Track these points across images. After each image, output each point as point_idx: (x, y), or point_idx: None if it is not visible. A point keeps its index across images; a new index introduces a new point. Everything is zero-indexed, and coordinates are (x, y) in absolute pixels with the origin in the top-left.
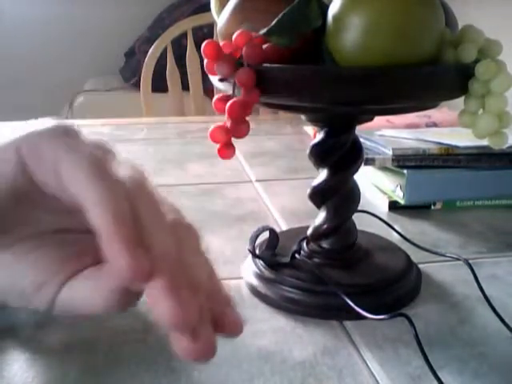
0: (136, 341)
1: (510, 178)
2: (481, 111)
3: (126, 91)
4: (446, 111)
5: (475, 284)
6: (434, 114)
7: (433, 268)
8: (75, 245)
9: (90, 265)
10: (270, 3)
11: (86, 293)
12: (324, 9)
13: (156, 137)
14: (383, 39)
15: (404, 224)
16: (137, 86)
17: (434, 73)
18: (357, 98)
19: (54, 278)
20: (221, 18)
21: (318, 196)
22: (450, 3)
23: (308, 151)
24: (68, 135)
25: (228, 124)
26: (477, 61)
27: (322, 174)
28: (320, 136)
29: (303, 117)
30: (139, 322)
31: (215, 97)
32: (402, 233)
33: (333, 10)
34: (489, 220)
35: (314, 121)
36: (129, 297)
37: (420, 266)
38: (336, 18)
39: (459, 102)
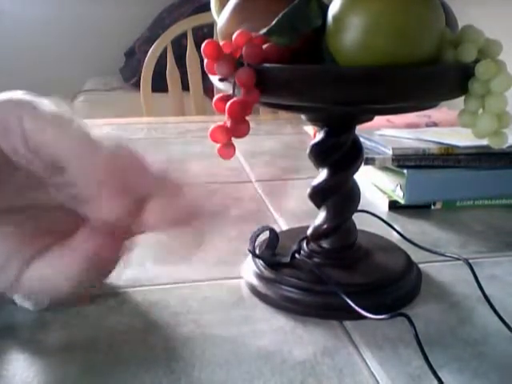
0: (136, 341)
1: (509, 177)
2: (481, 111)
3: (126, 91)
4: (445, 111)
5: (475, 284)
6: (434, 113)
7: (433, 268)
8: (41, 222)
9: (55, 242)
10: (270, 3)
11: (50, 271)
12: (324, 8)
13: (156, 136)
14: (383, 39)
15: (404, 224)
16: (137, 85)
17: (433, 73)
18: (357, 97)
19: (17, 257)
20: (221, 18)
21: (318, 196)
22: (450, 3)
23: (308, 151)
24: (28, 103)
25: (228, 124)
26: (477, 61)
27: (322, 174)
28: (320, 136)
29: (303, 116)
30: (139, 322)
31: (215, 97)
32: (402, 232)
33: (333, 9)
34: (489, 220)
35: (313, 120)
36: (93, 274)
37: (420, 265)
38: (336, 17)
39: (459, 101)
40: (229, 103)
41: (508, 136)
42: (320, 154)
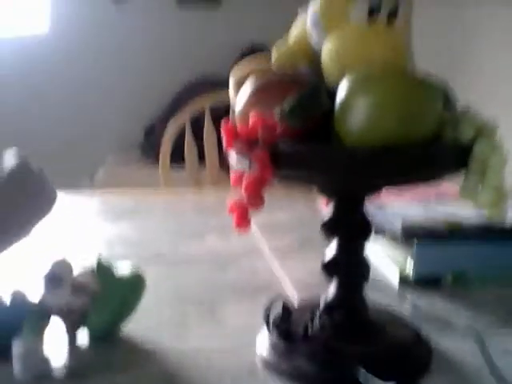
0: None
1: None
2: (480, 186)
3: (145, 165)
4: (454, 184)
5: (485, 357)
6: (443, 186)
7: (443, 341)
8: None
9: None
10: (284, 88)
11: None
12: (332, 94)
13: (174, 209)
14: (386, 122)
15: (415, 297)
16: (156, 160)
17: (435, 152)
18: (362, 174)
19: None
20: (238, 101)
21: (329, 268)
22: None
23: (320, 223)
24: None
25: (244, 198)
26: (475, 139)
27: (333, 246)
28: (331, 209)
29: (315, 189)
30: None
31: (233, 172)
32: (413, 306)
33: (340, 95)
34: (499, 293)
35: (325, 194)
36: None
37: (431, 339)
38: (343, 102)
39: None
40: (245, 179)
41: (507, 208)
42: (330, 227)
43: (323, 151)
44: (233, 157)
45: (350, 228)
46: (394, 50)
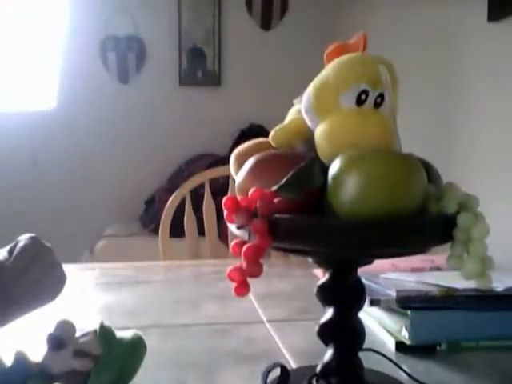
0: None
1: (509, 319)
2: (465, 256)
3: (145, 237)
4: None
5: None
6: (438, 258)
7: None
8: None
9: None
10: (282, 164)
11: None
12: (325, 170)
13: (172, 279)
14: (375, 195)
15: (411, 363)
16: (155, 232)
17: (420, 223)
18: (353, 245)
19: None
20: (238, 176)
21: (325, 333)
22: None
23: (315, 291)
24: None
25: (244, 265)
26: (458, 212)
27: (328, 313)
28: (325, 277)
29: (310, 259)
30: None
31: (232, 242)
32: (410, 372)
33: (332, 170)
34: (493, 360)
35: (319, 263)
36: None
37: None
38: (335, 177)
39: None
40: (245, 247)
41: (492, 277)
42: (325, 294)
43: (314, 223)
44: (233, 227)
45: (344, 295)
46: (381, 133)
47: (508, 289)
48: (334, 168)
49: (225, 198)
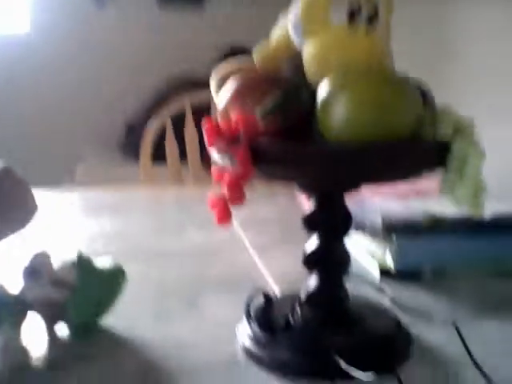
0: None
1: (496, 245)
2: (458, 182)
3: (126, 163)
4: (434, 180)
5: (464, 347)
6: (423, 182)
7: (423, 331)
8: None
9: None
10: (266, 87)
11: None
12: (313, 92)
13: (154, 204)
14: (365, 118)
15: (395, 289)
16: (137, 158)
17: (413, 149)
18: (342, 171)
19: None
20: (220, 99)
21: (310, 261)
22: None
23: (300, 218)
24: None
25: (225, 193)
26: (453, 137)
27: (314, 240)
28: (311, 204)
29: (296, 186)
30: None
31: (214, 168)
32: (394, 298)
33: (321, 93)
34: (477, 284)
35: (305, 190)
36: None
37: (410, 329)
38: (323, 100)
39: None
40: (226, 175)
41: (484, 204)
42: (311, 221)
43: (301, 148)
44: (214, 153)
45: (331, 222)
46: (374, 52)
47: (496, 215)
48: (322, 90)
49: (205, 123)
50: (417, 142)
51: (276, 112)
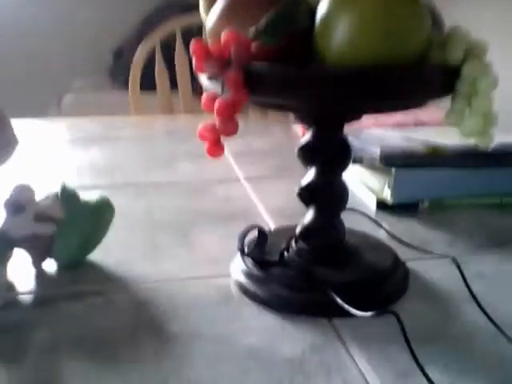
0: (124, 340)
1: (496, 176)
2: (467, 111)
3: (115, 90)
4: (433, 110)
5: (462, 281)
6: (422, 112)
7: (420, 266)
8: None
9: None
10: (260, 4)
11: None
12: (312, 9)
13: (144, 135)
14: (369, 39)
15: (392, 223)
16: (125, 85)
17: (420, 73)
18: (343, 97)
19: None
20: (209, 18)
21: (307, 195)
22: (438, 2)
23: (296, 150)
24: None
25: (216, 122)
26: (463, 61)
27: (311, 173)
28: (308, 135)
29: (292, 115)
30: (127, 320)
31: (204, 95)
32: (390, 231)
33: (321, 10)
34: (476, 218)
35: (301, 119)
36: None
37: (408, 263)
38: (324, 18)
39: (447, 100)
40: (217, 102)
41: (494, 136)
42: (308, 153)
43: (299, 72)
44: (204, 79)
45: (329, 154)
46: None
47: (497, 146)
48: (322, 7)
49: (192, 43)
50: (424, 65)
51: (271, 31)
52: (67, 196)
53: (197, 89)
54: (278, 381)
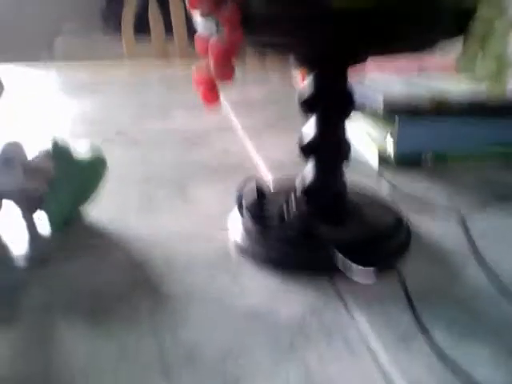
0: (119, 300)
1: (501, 128)
2: (480, 55)
3: (107, 34)
4: (437, 56)
5: (466, 238)
6: (426, 59)
7: (423, 222)
8: None
9: None
10: None
11: None
12: None
13: (138, 85)
14: None
15: (395, 177)
16: (119, 28)
17: (432, 13)
18: (348, 37)
19: None
20: None
21: (307, 148)
22: None
23: (296, 97)
24: None
25: (212, 68)
26: (479, 2)
27: (311, 123)
28: (309, 80)
29: (292, 59)
30: (122, 280)
31: (198, 38)
32: (393, 186)
33: None
34: (480, 172)
35: (302, 62)
36: None
37: (410, 219)
38: None
39: (453, 47)
40: (211, 42)
41: (508, 82)
42: (309, 101)
43: (301, 8)
44: (197, 19)
45: (331, 102)
46: None
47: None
48: None
49: None
50: (436, 5)
51: None
52: (59, 152)
53: (192, 33)
54: (278, 343)
